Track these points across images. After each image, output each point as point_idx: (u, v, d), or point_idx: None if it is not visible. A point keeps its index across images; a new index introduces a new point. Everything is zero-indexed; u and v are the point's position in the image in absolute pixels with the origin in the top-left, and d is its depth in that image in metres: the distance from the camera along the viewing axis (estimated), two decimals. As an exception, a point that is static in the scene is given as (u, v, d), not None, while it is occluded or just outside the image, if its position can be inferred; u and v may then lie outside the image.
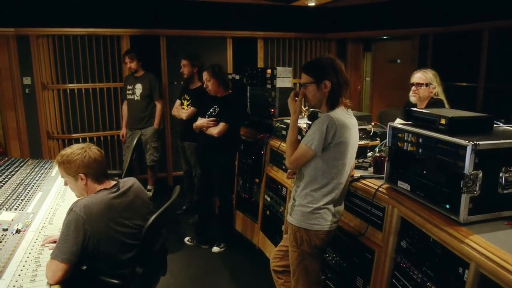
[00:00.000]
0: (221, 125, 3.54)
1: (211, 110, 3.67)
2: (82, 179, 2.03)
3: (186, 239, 3.99)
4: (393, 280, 2.00)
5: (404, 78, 5.17)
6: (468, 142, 1.55)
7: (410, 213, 1.86)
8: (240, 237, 4.02)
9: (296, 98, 2.22)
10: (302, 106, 3.04)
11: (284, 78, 3.61)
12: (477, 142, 1.54)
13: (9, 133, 4.90)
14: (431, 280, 1.74)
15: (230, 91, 3.74)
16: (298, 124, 2.45)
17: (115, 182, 2.14)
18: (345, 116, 2.11)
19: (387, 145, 2.07)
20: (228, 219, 3.98)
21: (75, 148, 2.06)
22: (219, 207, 3.93)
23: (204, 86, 3.69)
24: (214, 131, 3.56)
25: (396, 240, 2.00)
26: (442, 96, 3.11)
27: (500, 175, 1.62)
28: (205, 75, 3.64)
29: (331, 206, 2.12)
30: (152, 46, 5.23)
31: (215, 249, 3.81)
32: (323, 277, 2.59)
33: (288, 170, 2.41)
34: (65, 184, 2.15)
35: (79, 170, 2.02)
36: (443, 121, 1.75)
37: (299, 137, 2.37)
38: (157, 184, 5.15)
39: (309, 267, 2.20)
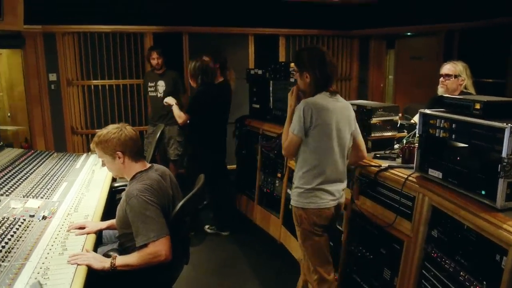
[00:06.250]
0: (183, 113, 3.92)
1: None
2: (119, 157, 2.07)
3: (206, 226, 4.12)
4: (423, 271, 1.94)
5: (428, 75, 5.10)
6: (506, 124, 1.49)
7: (443, 201, 1.80)
8: (262, 231, 4.01)
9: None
10: None
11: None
12: (516, 124, 1.48)
13: (35, 128, 5.00)
14: (465, 269, 1.67)
15: (208, 85, 3.85)
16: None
17: (150, 164, 2.17)
18: (327, 99, 2.21)
19: (417, 133, 2.02)
20: (218, 206, 4.13)
21: (110, 128, 2.11)
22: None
23: None
24: (178, 119, 3.95)
25: (427, 229, 1.94)
26: (472, 90, 3.03)
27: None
28: None
29: (325, 186, 2.21)
30: (175, 43, 5.28)
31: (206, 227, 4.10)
32: (347, 270, 2.56)
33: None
34: (103, 165, 2.20)
35: (116, 148, 2.06)
36: (477, 106, 1.69)
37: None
38: (177, 179, 5.15)
39: (313, 246, 2.29)
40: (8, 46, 4.96)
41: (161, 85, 4.74)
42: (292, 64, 2.89)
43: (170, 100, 4.10)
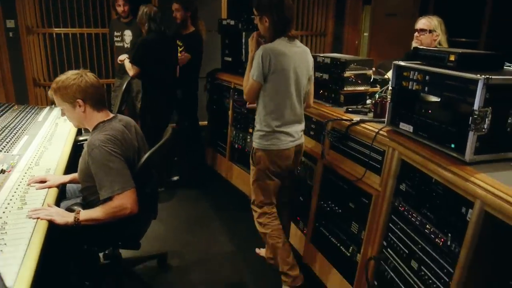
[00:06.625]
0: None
1: None
2: (80, 105, 1.94)
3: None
4: (390, 224, 1.97)
5: (403, 33, 5.02)
6: (480, 76, 1.46)
7: (412, 154, 1.79)
8: (232, 187, 4.00)
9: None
10: None
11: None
12: (490, 76, 1.45)
13: (-7, 79, 4.72)
14: (431, 222, 1.69)
15: (153, 33, 3.62)
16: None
17: (114, 114, 2.06)
18: (285, 45, 2.27)
19: (390, 86, 1.98)
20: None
21: (70, 74, 1.96)
22: None
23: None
24: (129, 72, 3.64)
25: (395, 183, 1.94)
26: (446, 46, 3.00)
27: (511, 113, 1.54)
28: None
29: (284, 128, 2.32)
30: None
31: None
32: (316, 224, 2.58)
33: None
34: (62, 114, 2.08)
35: (76, 96, 1.92)
36: (452, 58, 1.65)
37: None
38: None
39: (262, 186, 2.45)
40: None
41: (128, 34, 4.48)
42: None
43: (121, 56, 3.85)
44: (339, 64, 2.53)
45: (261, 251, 2.89)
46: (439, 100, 1.69)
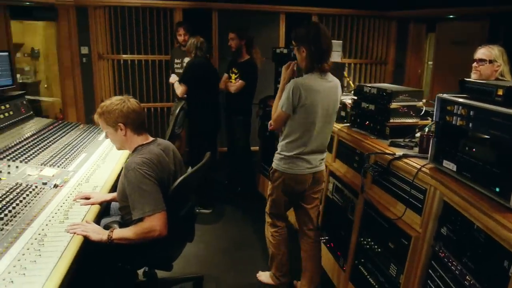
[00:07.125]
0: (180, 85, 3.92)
1: None
2: (121, 129, 2.05)
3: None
4: (429, 270, 1.80)
5: (470, 63, 4.76)
6: (528, 114, 1.32)
7: (454, 196, 1.64)
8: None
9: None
10: (351, 82, 3.54)
11: (333, 52, 3.39)
12: (539, 115, 1.31)
13: (67, 100, 5.13)
14: (471, 273, 1.53)
15: (199, 58, 3.90)
16: (344, 100, 2.92)
17: (154, 138, 2.14)
18: (316, 80, 2.34)
19: (434, 120, 1.85)
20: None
21: (114, 99, 2.09)
22: None
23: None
24: (177, 90, 3.94)
25: (436, 226, 1.79)
26: (508, 77, 2.77)
27: None
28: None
29: (304, 156, 2.44)
30: (204, 20, 5.21)
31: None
32: (355, 261, 2.48)
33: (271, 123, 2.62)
34: (106, 136, 2.19)
35: (118, 120, 2.04)
36: (500, 92, 1.51)
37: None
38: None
39: (275, 200, 2.62)
40: (42, 18, 5.07)
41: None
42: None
43: (171, 79, 4.21)
44: (385, 95, 2.42)
45: (298, 284, 2.80)
46: (484, 138, 1.54)
